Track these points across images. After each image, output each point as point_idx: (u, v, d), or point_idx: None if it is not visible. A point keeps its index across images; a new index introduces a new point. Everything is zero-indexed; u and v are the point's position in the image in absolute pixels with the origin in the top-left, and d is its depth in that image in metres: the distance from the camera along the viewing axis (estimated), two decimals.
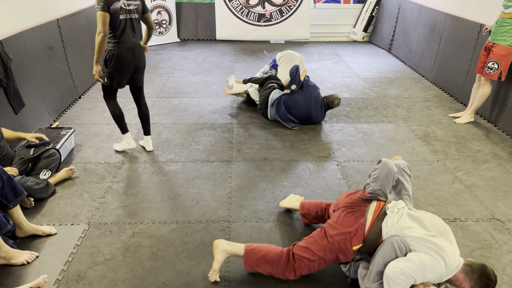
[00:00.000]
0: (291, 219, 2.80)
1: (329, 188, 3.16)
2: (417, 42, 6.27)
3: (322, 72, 6.12)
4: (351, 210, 2.20)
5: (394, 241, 2.03)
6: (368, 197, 2.24)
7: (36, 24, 4.11)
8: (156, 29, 7.46)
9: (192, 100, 4.91)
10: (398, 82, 5.72)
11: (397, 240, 2.03)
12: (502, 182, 3.29)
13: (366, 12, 7.87)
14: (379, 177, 2.34)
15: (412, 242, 2.02)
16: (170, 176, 3.29)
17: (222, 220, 2.78)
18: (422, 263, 1.92)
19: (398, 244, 2.01)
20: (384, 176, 2.33)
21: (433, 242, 1.96)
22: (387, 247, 2.03)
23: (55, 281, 2.24)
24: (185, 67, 6.21)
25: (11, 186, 2.42)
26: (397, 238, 2.04)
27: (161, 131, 4.07)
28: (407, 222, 2.09)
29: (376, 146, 3.84)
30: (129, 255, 2.45)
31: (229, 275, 2.31)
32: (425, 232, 2.03)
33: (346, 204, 2.25)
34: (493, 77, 4.01)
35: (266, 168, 3.45)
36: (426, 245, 1.97)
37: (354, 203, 2.23)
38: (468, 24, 4.93)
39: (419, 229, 2.05)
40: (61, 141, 3.39)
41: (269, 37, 7.85)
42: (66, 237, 2.58)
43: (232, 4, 7.49)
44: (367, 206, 2.21)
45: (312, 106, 4.15)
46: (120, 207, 2.89)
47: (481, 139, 4.02)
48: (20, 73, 3.69)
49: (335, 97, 4.21)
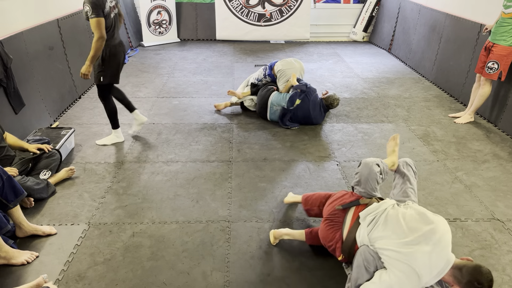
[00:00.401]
0: (291, 219, 2.80)
1: (329, 188, 3.16)
2: (417, 42, 6.27)
3: (322, 72, 6.12)
4: (329, 222, 2.26)
5: (362, 253, 2.02)
6: (344, 206, 2.23)
7: (36, 24, 4.11)
8: (156, 29, 7.47)
9: (192, 100, 4.91)
10: (398, 82, 5.72)
11: (365, 252, 2.01)
12: (502, 182, 3.29)
13: (366, 12, 7.87)
14: (361, 180, 2.32)
15: (382, 255, 1.96)
16: (170, 176, 3.29)
17: (222, 220, 2.78)
18: (387, 285, 1.86)
19: (365, 256, 1.99)
20: (365, 179, 2.30)
21: (403, 253, 1.87)
22: (357, 259, 2.04)
23: (55, 281, 2.24)
24: (185, 67, 6.21)
25: (11, 186, 2.42)
26: (365, 248, 2.03)
27: (161, 131, 4.07)
28: (379, 231, 2.01)
29: (376, 146, 3.84)
30: (129, 255, 2.45)
31: (229, 275, 2.31)
32: (397, 240, 1.92)
33: (326, 215, 2.30)
34: (493, 77, 4.01)
35: (266, 168, 3.45)
36: (396, 257, 1.89)
37: (332, 214, 2.26)
38: (468, 24, 4.93)
39: (391, 237, 1.96)
40: (61, 141, 3.39)
41: (269, 37, 7.85)
42: (66, 237, 2.58)
43: (232, 4, 7.49)
44: (345, 216, 2.22)
45: (311, 108, 4.14)
46: (120, 207, 2.89)
47: (481, 139, 4.02)
48: (20, 73, 3.69)
49: (334, 98, 4.21)
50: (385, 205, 2.14)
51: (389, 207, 2.12)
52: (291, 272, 2.34)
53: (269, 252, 2.49)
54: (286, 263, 2.41)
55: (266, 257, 2.45)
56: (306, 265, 2.40)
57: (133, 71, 5.93)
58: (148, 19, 7.32)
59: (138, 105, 4.67)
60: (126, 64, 6.28)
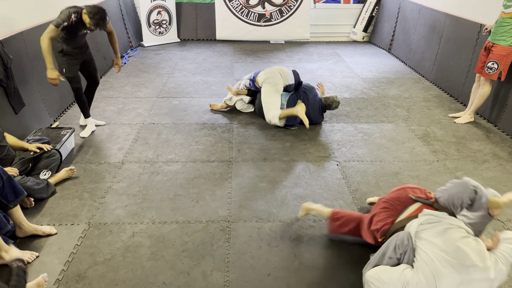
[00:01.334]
0: (291, 219, 2.80)
1: (329, 188, 3.17)
2: (417, 42, 6.27)
3: (322, 72, 6.12)
4: (388, 206, 2.25)
5: (401, 234, 2.00)
6: (416, 198, 2.20)
7: (36, 24, 4.11)
8: (156, 29, 7.47)
9: (192, 100, 4.91)
10: (398, 82, 5.72)
11: (404, 235, 1.98)
12: (502, 182, 3.29)
13: (366, 12, 7.87)
14: (448, 191, 2.16)
15: (417, 253, 1.93)
16: (170, 176, 3.29)
17: (222, 220, 2.78)
18: (403, 279, 1.87)
19: (402, 238, 1.97)
20: (453, 194, 2.13)
21: (437, 266, 1.82)
22: (393, 237, 2.04)
23: (55, 281, 2.24)
24: (185, 67, 6.21)
25: (11, 186, 2.42)
26: (407, 233, 2.00)
27: (161, 131, 4.07)
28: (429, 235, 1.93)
29: (376, 146, 3.85)
30: (129, 255, 2.45)
31: (229, 275, 2.31)
32: (441, 253, 1.85)
33: (388, 199, 2.28)
34: (492, 77, 4.02)
35: (266, 168, 3.45)
36: (429, 263, 1.86)
37: (396, 200, 2.24)
38: (468, 24, 4.93)
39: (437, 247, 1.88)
40: (61, 141, 3.39)
41: (269, 37, 7.85)
42: (66, 237, 2.58)
43: (232, 4, 7.49)
44: (406, 207, 2.19)
45: (310, 108, 4.13)
46: (120, 207, 2.89)
47: (481, 139, 4.02)
48: (20, 73, 3.69)
49: (334, 100, 4.18)
50: (453, 221, 2.01)
51: (456, 225, 1.99)
52: (291, 272, 2.34)
53: (269, 252, 2.49)
54: (286, 263, 2.41)
55: (266, 257, 2.45)
56: (306, 265, 2.40)
57: (133, 71, 5.94)
58: (148, 19, 7.32)
59: (138, 105, 4.68)
60: (126, 64, 6.29)
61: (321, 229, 2.70)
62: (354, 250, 2.52)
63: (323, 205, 2.68)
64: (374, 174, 3.37)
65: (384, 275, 1.94)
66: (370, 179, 3.29)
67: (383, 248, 2.05)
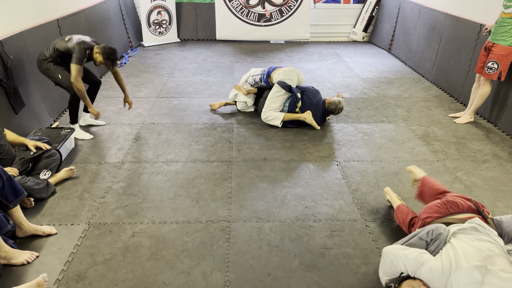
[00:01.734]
0: (291, 219, 2.80)
1: (329, 188, 3.17)
2: (417, 42, 6.27)
3: (322, 72, 6.12)
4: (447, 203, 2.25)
5: (438, 225, 2.01)
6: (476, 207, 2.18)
7: (36, 24, 4.11)
8: (156, 29, 7.47)
9: (192, 100, 4.92)
10: (398, 82, 5.72)
11: (440, 225, 1.98)
12: (502, 182, 3.29)
13: (366, 12, 7.87)
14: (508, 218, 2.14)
15: (446, 247, 1.92)
16: (170, 176, 3.29)
17: (222, 220, 2.78)
18: (419, 259, 1.89)
19: (437, 228, 1.98)
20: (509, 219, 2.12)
21: (461, 261, 1.82)
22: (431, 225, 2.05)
23: (55, 281, 2.24)
24: (185, 67, 6.21)
25: (11, 186, 2.42)
26: (443, 225, 2.00)
27: (161, 131, 4.07)
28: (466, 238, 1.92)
29: (376, 146, 3.85)
30: (129, 255, 2.45)
31: (229, 275, 2.31)
32: (472, 254, 1.83)
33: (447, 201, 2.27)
34: (492, 77, 4.02)
35: (266, 168, 3.45)
36: (453, 256, 1.85)
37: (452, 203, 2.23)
38: (468, 24, 4.93)
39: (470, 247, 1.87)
40: (61, 141, 3.39)
41: (269, 37, 7.85)
42: (66, 237, 2.58)
43: (232, 4, 7.49)
44: (458, 213, 2.17)
45: (313, 111, 4.13)
46: (120, 207, 2.89)
47: (481, 139, 4.02)
48: (20, 73, 3.69)
49: (337, 105, 4.14)
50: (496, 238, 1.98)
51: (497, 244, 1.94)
52: (291, 272, 2.34)
53: (269, 252, 2.49)
54: (286, 263, 2.41)
55: (266, 257, 2.45)
56: (306, 265, 2.40)
57: (133, 71, 5.94)
58: (148, 19, 7.32)
59: (138, 105, 4.68)
60: (126, 64, 6.29)
61: (321, 229, 2.70)
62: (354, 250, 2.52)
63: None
64: (374, 174, 3.37)
65: (402, 252, 1.95)
66: (370, 179, 3.30)
67: (417, 231, 2.07)
